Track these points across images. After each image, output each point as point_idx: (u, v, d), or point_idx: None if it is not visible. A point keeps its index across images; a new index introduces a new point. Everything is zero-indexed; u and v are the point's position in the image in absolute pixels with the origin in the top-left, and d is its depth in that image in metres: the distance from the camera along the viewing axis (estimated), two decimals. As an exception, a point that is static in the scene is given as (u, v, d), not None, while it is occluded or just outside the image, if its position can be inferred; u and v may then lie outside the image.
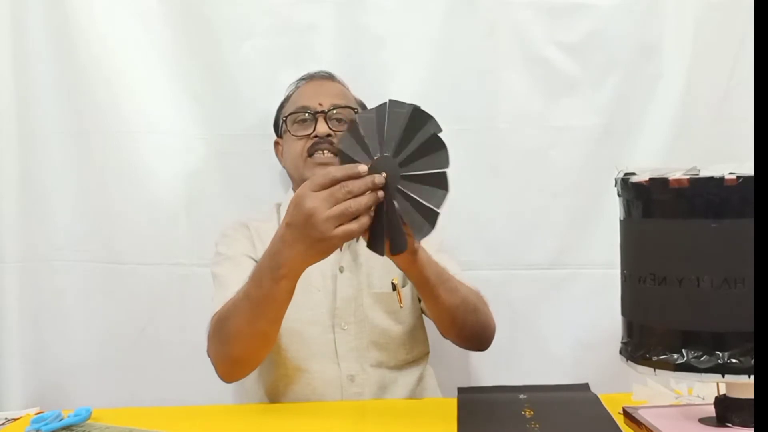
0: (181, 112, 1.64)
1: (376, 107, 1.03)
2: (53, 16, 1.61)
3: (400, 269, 1.20)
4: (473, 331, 1.30)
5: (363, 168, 1.00)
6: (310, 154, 1.40)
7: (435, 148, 1.00)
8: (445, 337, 1.33)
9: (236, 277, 1.22)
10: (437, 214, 1.00)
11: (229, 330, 1.16)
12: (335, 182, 1.00)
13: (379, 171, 1.00)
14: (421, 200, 1.00)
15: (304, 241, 1.01)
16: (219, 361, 1.20)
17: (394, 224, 1.02)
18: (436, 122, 1.01)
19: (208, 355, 1.21)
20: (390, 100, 1.02)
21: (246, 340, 1.15)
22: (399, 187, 1.01)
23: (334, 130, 1.40)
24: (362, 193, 0.99)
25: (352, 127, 1.03)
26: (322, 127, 1.40)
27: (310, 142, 1.40)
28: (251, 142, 1.63)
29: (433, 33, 1.62)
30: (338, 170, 1.00)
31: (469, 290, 1.29)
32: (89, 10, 1.61)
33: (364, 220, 1.00)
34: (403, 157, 1.01)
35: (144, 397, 1.57)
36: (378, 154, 1.01)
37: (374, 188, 0.99)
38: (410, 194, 1.01)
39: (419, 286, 1.21)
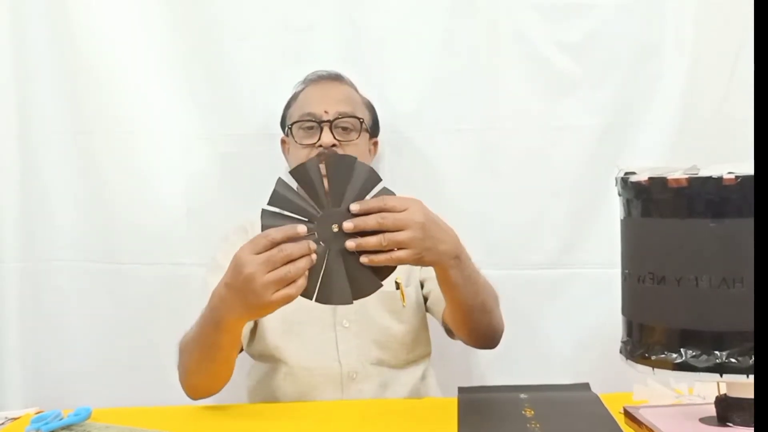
0: (181, 112, 1.64)
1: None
2: (53, 16, 1.61)
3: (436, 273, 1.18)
4: (484, 332, 1.30)
5: (302, 229, 0.99)
6: None
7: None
8: (455, 336, 1.35)
9: None
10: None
11: (183, 363, 1.20)
12: (274, 245, 0.99)
13: (329, 224, 1.01)
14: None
15: (242, 303, 1.02)
16: (181, 382, 1.23)
17: (353, 269, 1.02)
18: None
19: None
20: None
21: (197, 376, 1.19)
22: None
23: (339, 140, 1.40)
24: (300, 256, 0.98)
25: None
26: (327, 137, 1.38)
27: (314, 151, 1.39)
28: (251, 142, 1.63)
29: (434, 33, 1.62)
30: (278, 232, 0.99)
31: (488, 292, 1.27)
32: (89, 10, 1.61)
33: (301, 283, 0.99)
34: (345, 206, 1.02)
35: (144, 397, 1.57)
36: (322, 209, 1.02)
37: (309, 252, 0.99)
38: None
39: (445, 288, 1.20)
